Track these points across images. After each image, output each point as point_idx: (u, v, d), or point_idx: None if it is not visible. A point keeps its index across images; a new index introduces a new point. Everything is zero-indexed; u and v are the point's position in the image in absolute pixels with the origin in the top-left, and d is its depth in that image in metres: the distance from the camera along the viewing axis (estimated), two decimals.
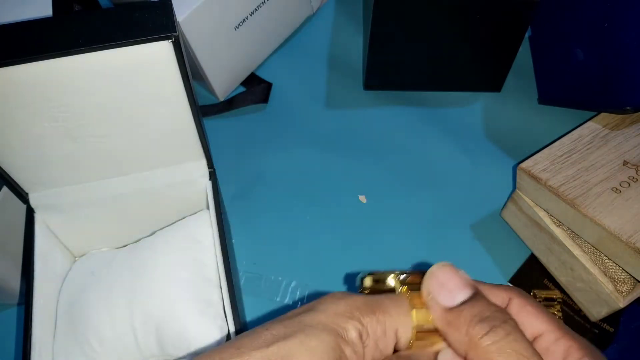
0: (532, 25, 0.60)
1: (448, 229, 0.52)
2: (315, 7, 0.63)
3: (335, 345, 0.23)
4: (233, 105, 0.58)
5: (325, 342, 0.22)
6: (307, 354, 0.22)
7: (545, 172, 0.45)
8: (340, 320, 0.23)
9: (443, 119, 0.58)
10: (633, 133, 0.48)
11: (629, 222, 0.41)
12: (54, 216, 0.43)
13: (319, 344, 0.22)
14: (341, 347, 0.23)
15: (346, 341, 0.23)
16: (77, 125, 0.38)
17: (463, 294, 0.24)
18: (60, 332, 0.42)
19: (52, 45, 0.33)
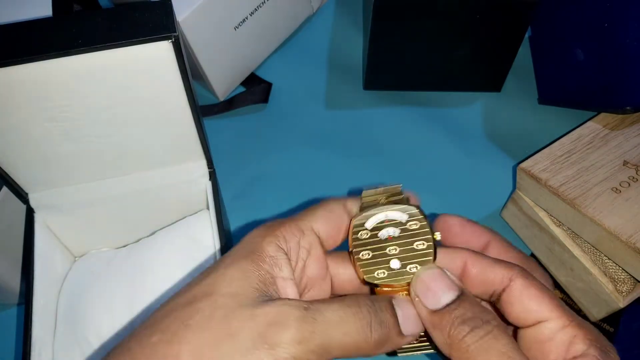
0: (532, 25, 0.60)
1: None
2: (315, 7, 0.63)
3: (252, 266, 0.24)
4: (233, 105, 0.58)
5: (241, 268, 0.23)
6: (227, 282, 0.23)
7: (545, 172, 0.45)
8: (256, 242, 0.25)
9: (443, 119, 0.58)
10: (633, 133, 0.48)
11: (629, 222, 0.41)
12: (54, 216, 0.44)
13: (235, 271, 0.23)
14: (259, 265, 0.24)
15: (263, 258, 0.24)
16: (77, 125, 0.38)
17: (448, 296, 0.24)
18: (60, 331, 0.42)
19: (52, 46, 0.33)
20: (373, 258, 0.26)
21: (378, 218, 0.27)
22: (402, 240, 0.26)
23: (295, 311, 0.22)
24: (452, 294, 0.25)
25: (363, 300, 0.24)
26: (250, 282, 0.23)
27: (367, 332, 0.23)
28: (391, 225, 0.27)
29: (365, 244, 0.26)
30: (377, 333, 0.23)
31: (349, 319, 0.23)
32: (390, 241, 0.26)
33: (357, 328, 0.23)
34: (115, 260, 0.45)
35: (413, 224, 0.27)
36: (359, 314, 0.23)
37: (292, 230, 0.26)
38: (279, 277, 0.24)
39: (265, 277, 0.24)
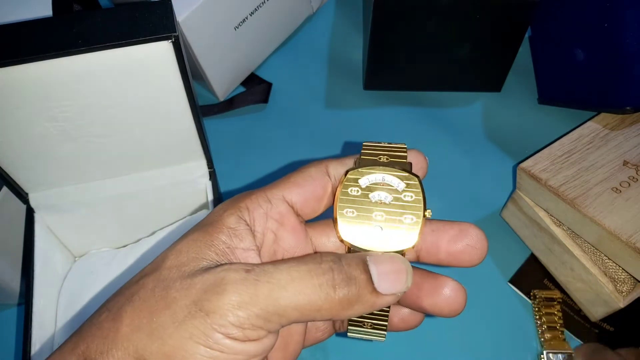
0: (532, 25, 0.60)
1: None
2: (315, 7, 0.63)
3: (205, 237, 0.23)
4: (233, 105, 0.58)
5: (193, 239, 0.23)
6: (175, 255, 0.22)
7: (545, 172, 0.45)
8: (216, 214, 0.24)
9: (443, 119, 0.58)
10: (633, 133, 0.48)
11: (629, 222, 0.41)
12: (54, 216, 0.44)
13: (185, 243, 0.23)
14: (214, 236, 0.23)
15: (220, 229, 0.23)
16: (77, 125, 0.38)
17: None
18: (60, 331, 0.42)
19: (52, 46, 0.33)
20: (357, 218, 0.24)
21: (374, 178, 0.25)
22: (392, 209, 0.25)
23: (233, 274, 0.21)
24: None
25: (326, 256, 0.22)
26: (198, 252, 0.22)
27: (327, 290, 0.21)
28: (385, 190, 0.25)
29: (352, 201, 0.25)
30: (342, 291, 0.21)
31: (302, 276, 0.21)
32: (379, 205, 0.25)
33: (313, 286, 0.21)
34: (115, 260, 0.45)
35: (408, 195, 0.25)
36: (316, 270, 0.22)
37: (257, 200, 0.25)
38: (238, 248, 0.23)
39: (221, 248, 0.23)
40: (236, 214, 0.24)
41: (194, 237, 0.23)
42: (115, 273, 0.43)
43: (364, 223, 0.24)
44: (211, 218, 0.24)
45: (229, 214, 0.24)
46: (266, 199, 0.25)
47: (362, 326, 0.26)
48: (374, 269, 0.22)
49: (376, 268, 0.23)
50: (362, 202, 0.25)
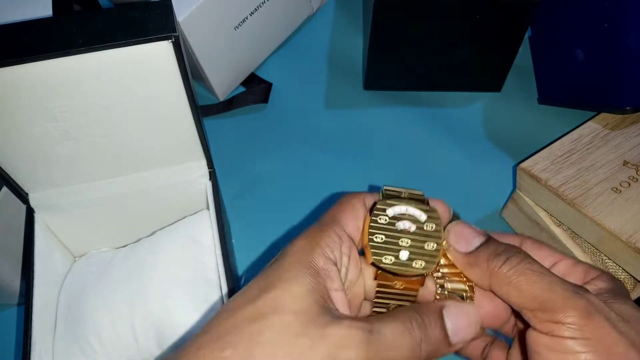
0: (532, 25, 0.60)
1: None
2: (315, 7, 0.63)
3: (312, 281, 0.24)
4: (233, 105, 0.58)
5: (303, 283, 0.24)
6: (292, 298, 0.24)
7: (545, 172, 0.45)
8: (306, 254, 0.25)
9: (443, 119, 0.58)
10: (633, 133, 0.48)
11: (628, 222, 0.41)
12: (54, 216, 0.44)
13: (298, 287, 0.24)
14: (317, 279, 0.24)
15: (317, 272, 0.25)
16: (77, 125, 0.38)
17: (478, 240, 0.27)
18: (60, 331, 0.42)
19: (52, 46, 0.33)
20: (385, 243, 0.27)
21: (400, 209, 0.28)
22: (416, 237, 0.28)
23: (361, 333, 0.23)
24: (482, 238, 0.28)
25: (413, 315, 0.25)
26: (315, 298, 0.24)
27: (417, 350, 0.25)
28: (409, 220, 0.28)
29: (381, 228, 0.27)
30: (425, 350, 0.25)
31: (403, 337, 0.24)
32: (404, 234, 0.27)
33: (408, 346, 0.24)
34: (115, 260, 0.45)
35: (429, 225, 0.28)
36: (410, 332, 0.25)
37: (333, 238, 0.26)
38: (332, 290, 0.25)
39: (323, 291, 0.25)
40: (323, 254, 0.26)
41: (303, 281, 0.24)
42: (115, 273, 0.43)
43: (392, 247, 0.27)
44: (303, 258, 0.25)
45: (318, 254, 0.25)
46: (337, 235, 0.27)
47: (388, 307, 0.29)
48: (449, 324, 0.26)
49: (452, 324, 0.26)
50: (390, 229, 0.28)
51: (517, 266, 0.26)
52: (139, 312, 0.41)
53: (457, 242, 0.28)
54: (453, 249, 0.28)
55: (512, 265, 0.26)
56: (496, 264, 0.26)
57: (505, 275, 0.26)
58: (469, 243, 0.28)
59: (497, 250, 0.27)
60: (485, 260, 0.26)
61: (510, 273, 0.26)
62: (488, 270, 0.26)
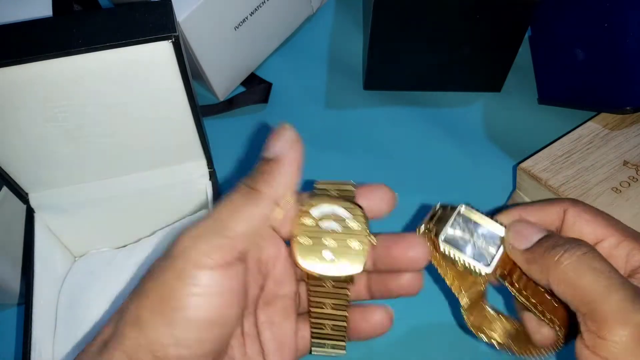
0: (532, 25, 0.60)
1: None
2: (315, 7, 0.63)
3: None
4: (233, 105, 0.58)
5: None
6: None
7: (545, 172, 0.45)
8: None
9: (443, 119, 0.58)
10: (633, 133, 0.48)
11: (628, 222, 0.41)
12: (54, 216, 0.44)
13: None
14: None
15: None
16: (77, 125, 0.38)
17: (537, 236, 0.26)
18: (60, 331, 0.42)
19: (52, 46, 0.33)
20: (310, 245, 0.27)
21: (325, 209, 0.29)
22: (341, 236, 0.28)
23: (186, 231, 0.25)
24: (541, 234, 0.26)
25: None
26: None
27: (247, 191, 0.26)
28: (335, 220, 0.28)
29: (307, 230, 0.28)
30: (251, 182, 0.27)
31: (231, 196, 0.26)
32: (330, 234, 0.28)
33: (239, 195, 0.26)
34: (115, 260, 0.45)
35: (355, 224, 0.28)
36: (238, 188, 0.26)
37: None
38: None
39: None
40: None
41: None
42: (115, 273, 0.43)
43: (316, 249, 0.27)
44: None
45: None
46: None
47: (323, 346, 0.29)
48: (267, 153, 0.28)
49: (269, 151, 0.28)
50: (315, 230, 0.28)
51: (576, 260, 0.23)
52: None
53: (516, 239, 0.27)
54: (512, 247, 0.27)
55: (570, 257, 0.23)
56: (554, 256, 0.24)
57: (562, 269, 0.23)
58: (528, 239, 0.26)
59: (557, 242, 0.24)
60: (543, 253, 0.25)
61: (567, 267, 0.23)
62: (545, 263, 0.24)
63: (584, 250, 0.24)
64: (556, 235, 0.26)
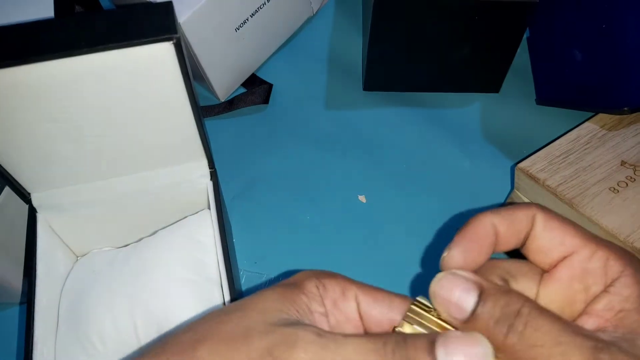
0: (530, 26, 0.61)
1: (447, 229, 0.52)
2: (315, 9, 0.63)
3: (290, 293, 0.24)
4: (234, 106, 0.59)
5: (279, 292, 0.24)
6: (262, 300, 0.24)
7: (543, 172, 0.45)
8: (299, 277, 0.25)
9: (442, 119, 0.59)
10: (631, 133, 0.48)
11: (626, 222, 0.41)
12: (56, 216, 0.44)
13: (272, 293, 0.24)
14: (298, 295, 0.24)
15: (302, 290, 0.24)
16: (79, 126, 0.39)
17: (470, 301, 0.23)
18: (62, 330, 0.42)
19: (53, 47, 0.33)
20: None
21: None
22: None
23: (308, 334, 0.22)
24: (473, 297, 0.23)
25: (392, 337, 0.22)
26: (283, 304, 0.24)
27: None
28: None
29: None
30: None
31: (367, 353, 0.21)
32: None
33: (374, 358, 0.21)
34: (116, 259, 0.45)
35: None
36: (379, 351, 0.21)
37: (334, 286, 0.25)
38: (316, 312, 0.24)
39: (302, 307, 0.24)
40: (315, 283, 0.25)
41: (280, 290, 0.24)
42: (117, 272, 0.43)
43: None
44: (294, 280, 0.25)
45: (310, 280, 0.25)
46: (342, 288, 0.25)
47: None
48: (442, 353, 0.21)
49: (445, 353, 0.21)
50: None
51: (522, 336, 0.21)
52: (140, 311, 0.41)
53: (447, 308, 0.23)
54: (447, 315, 0.23)
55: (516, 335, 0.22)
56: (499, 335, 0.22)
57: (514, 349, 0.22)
58: (460, 309, 0.23)
59: (495, 315, 0.22)
60: (487, 329, 0.22)
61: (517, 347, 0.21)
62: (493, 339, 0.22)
63: (524, 322, 0.22)
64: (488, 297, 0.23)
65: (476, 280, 0.24)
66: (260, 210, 0.53)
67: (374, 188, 0.54)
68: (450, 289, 0.23)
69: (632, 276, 0.23)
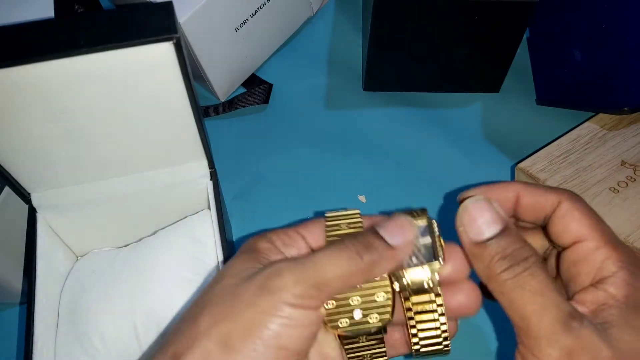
0: (530, 26, 0.61)
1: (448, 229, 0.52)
2: (315, 9, 0.63)
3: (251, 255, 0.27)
4: (234, 106, 0.59)
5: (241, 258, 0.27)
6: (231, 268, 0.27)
7: (544, 172, 0.45)
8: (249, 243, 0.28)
9: (442, 119, 0.59)
10: (631, 133, 0.48)
11: (626, 222, 0.41)
12: (56, 216, 0.44)
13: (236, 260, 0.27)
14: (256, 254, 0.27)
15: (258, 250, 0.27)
16: (79, 126, 0.39)
17: (491, 230, 0.25)
18: (62, 330, 0.42)
19: (53, 47, 0.33)
20: (337, 307, 0.27)
21: None
22: (364, 292, 0.27)
23: (285, 263, 0.25)
24: (495, 228, 0.25)
25: (347, 238, 0.26)
26: (250, 262, 0.27)
27: (356, 259, 0.25)
28: None
29: None
30: (366, 256, 0.25)
31: (337, 255, 0.25)
32: (353, 291, 0.27)
33: (346, 258, 0.25)
34: (117, 259, 0.45)
35: None
36: (344, 248, 0.26)
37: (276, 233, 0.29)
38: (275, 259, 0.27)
39: (265, 260, 0.27)
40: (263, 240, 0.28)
41: (242, 256, 0.27)
42: (117, 272, 0.43)
43: (344, 310, 0.27)
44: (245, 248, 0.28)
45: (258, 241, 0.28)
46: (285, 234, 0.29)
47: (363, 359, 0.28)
48: (383, 231, 0.26)
49: (385, 230, 0.26)
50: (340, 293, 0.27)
51: (517, 277, 0.24)
52: (140, 311, 0.41)
53: (469, 225, 0.26)
54: (463, 230, 0.26)
55: (513, 274, 0.24)
56: (497, 268, 0.24)
57: (502, 283, 0.24)
58: (481, 231, 0.26)
59: (505, 251, 0.24)
60: (489, 259, 0.25)
61: (508, 283, 0.24)
62: (488, 269, 0.25)
63: (528, 266, 0.24)
64: (509, 235, 0.25)
65: (504, 217, 0.26)
66: (260, 210, 0.53)
67: (374, 188, 0.54)
68: (482, 210, 0.26)
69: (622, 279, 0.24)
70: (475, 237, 0.26)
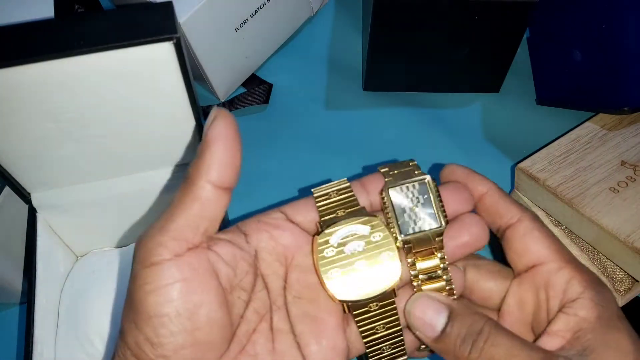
0: (530, 26, 0.61)
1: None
2: (315, 9, 0.63)
3: None
4: (234, 106, 0.59)
5: None
6: None
7: (544, 172, 0.45)
8: None
9: (442, 119, 0.59)
10: (631, 133, 0.48)
11: (626, 222, 0.41)
12: (56, 216, 0.44)
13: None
14: None
15: None
16: (79, 125, 0.39)
17: (441, 319, 0.26)
18: (62, 330, 0.42)
19: (53, 47, 0.33)
20: (343, 275, 0.26)
21: (342, 233, 0.27)
22: (369, 253, 0.26)
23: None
24: (444, 316, 0.26)
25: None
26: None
27: None
28: (356, 239, 0.27)
29: (333, 261, 0.26)
30: None
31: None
32: (356, 256, 0.26)
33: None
34: (117, 259, 0.45)
35: (376, 234, 0.27)
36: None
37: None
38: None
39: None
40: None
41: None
42: (117, 272, 0.44)
43: (351, 278, 0.26)
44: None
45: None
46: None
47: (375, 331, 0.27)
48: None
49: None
50: (341, 258, 0.26)
51: (483, 352, 0.24)
52: None
53: (422, 327, 0.26)
54: (420, 334, 0.27)
55: (478, 351, 0.24)
56: (464, 351, 0.25)
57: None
58: (432, 326, 0.26)
59: (461, 333, 0.25)
60: (454, 347, 0.25)
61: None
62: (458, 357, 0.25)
63: (484, 338, 0.24)
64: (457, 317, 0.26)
65: (447, 302, 0.26)
66: (260, 210, 0.53)
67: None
68: (424, 309, 0.26)
69: (590, 299, 0.24)
70: (432, 335, 0.26)
